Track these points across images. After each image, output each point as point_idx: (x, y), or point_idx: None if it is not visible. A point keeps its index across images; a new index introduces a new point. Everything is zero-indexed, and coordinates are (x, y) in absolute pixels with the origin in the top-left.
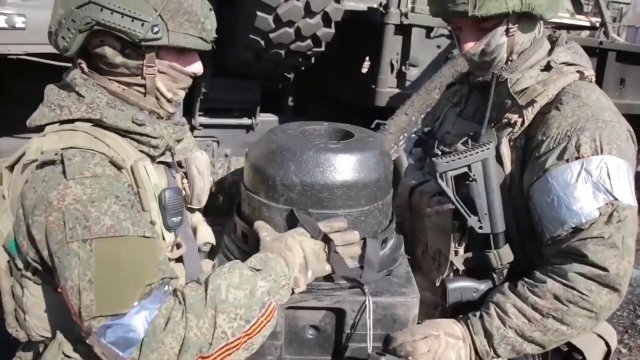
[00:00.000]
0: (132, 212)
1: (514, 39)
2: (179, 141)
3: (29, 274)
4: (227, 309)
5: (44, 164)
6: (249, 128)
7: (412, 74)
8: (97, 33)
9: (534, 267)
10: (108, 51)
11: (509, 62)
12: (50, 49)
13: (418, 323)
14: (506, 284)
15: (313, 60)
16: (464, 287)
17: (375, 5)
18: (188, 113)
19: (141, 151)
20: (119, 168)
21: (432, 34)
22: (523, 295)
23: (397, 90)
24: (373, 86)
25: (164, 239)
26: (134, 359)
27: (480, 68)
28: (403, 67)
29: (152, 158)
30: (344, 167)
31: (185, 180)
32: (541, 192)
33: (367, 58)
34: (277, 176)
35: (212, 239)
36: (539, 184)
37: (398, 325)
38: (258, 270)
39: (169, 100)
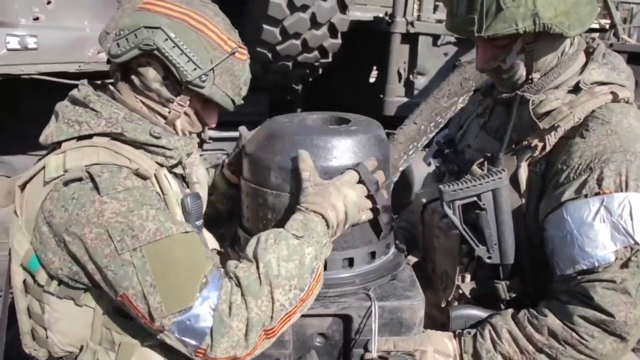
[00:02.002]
0: (167, 213)
1: (532, 57)
2: (188, 155)
3: (51, 289)
4: (281, 282)
5: (70, 182)
6: None
7: (420, 82)
8: (151, 55)
9: (545, 298)
10: (151, 73)
11: (532, 82)
12: (61, 68)
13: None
14: (509, 310)
15: (320, 71)
16: (468, 315)
17: (381, 15)
18: None
19: (156, 162)
20: (145, 178)
21: (439, 42)
22: (521, 324)
23: (405, 99)
24: (381, 95)
25: None
26: (209, 345)
27: (500, 84)
28: (411, 76)
29: (167, 168)
30: (341, 150)
31: (187, 191)
32: (555, 226)
33: (375, 68)
34: (273, 162)
35: (216, 245)
36: (554, 217)
37: (405, 328)
38: (301, 237)
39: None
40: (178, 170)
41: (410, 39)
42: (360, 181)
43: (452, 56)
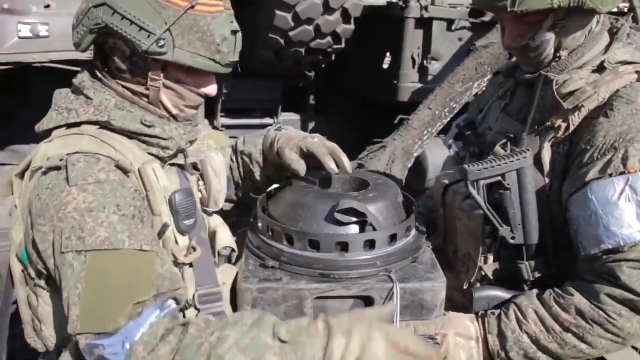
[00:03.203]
0: (131, 222)
1: (562, 34)
2: (191, 142)
3: (42, 282)
4: None
5: (48, 170)
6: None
7: (434, 67)
8: (110, 34)
9: (568, 279)
10: (118, 54)
11: (559, 60)
12: (73, 56)
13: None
14: (534, 290)
15: (333, 57)
16: (491, 296)
17: (394, 0)
18: (210, 114)
19: (151, 154)
20: (125, 172)
21: (453, 27)
22: (547, 303)
23: (419, 85)
24: (395, 81)
25: (176, 242)
26: None
27: (526, 63)
28: (425, 61)
29: (163, 160)
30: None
31: (201, 182)
32: (579, 206)
33: (388, 53)
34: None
35: (231, 243)
36: (578, 197)
37: (426, 310)
38: (282, 342)
39: (173, 116)
40: (179, 160)
41: (424, 23)
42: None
43: (467, 41)
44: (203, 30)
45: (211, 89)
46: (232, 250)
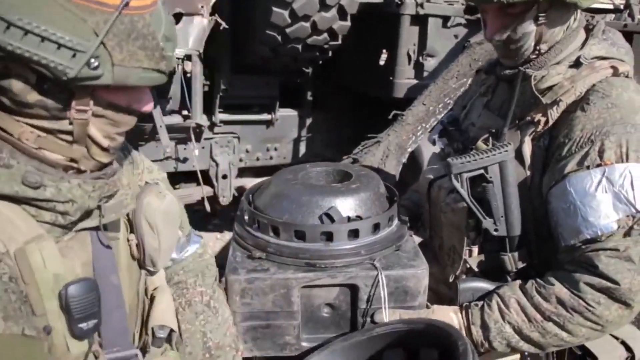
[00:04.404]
0: (10, 298)
1: (543, 28)
2: (110, 197)
3: None
4: None
5: None
6: (268, 123)
7: (430, 64)
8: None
9: (550, 270)
10: (16, 85)
11: (540, 56)
12: None
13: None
14: (517, 281)
15: (330, 53)
16: (476, 287)
17: None
18: (208, 110)
19: (44, 222)
20: None
21: (448, 24)
22: (529, 293)
23: (414, 81)
24: (391, 78)
25: (68, 350)
26: None
27: (507, 56)
28: (420, 58)
29: (66, 227)
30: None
31: (132, 236)
32: (558, 198)
33: (384, 50)
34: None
35: (170, 322)
36: (557, 189)
37: (410, 297)
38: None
39: (104, 149)
40: (92, 221)
41: (420, 20)
42: None
43: (462, 38)
44: (144, 35)
45: (149, 105)
46: (172, 331)
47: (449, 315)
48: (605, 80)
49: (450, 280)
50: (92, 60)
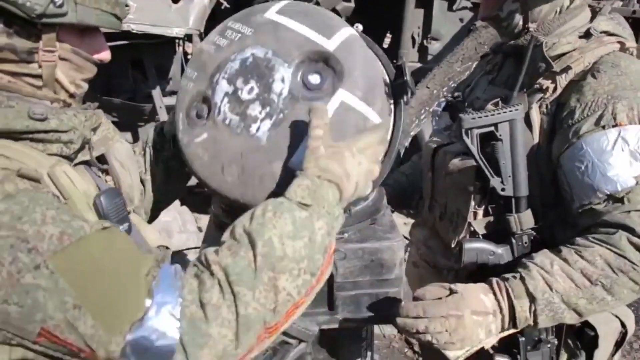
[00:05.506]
0: (72, 211)
1: (525, 6)
2: (95, 130)
3: None
4: (287, 266)
5: None
6: None
7: (434, 47)
8: None
9: (555, 236)
10: None
11: (527, 32)
12: None
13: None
14: (544, 250)
15: None
16: (481, 248)
17: None
18: None
19: (52, 154)
20: (34, 181)
21: (454, 7)
22: (570, 259)
23: (418, 65)
24: (394, 61)
25: None
26: None
27: (502, 34)
28: (425, 41)
29: (69, 158)
30: None
31: (108, 178)
32: (573, 159)
33: (388, 32)
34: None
35: (164, 241)
36: (571, 150)
37: (385, 269)
38: (309, 205)
39: (71, 95)
40: (83, 155)
41: (425, 3)
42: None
43: (468, 22)
44: None
45: (107, 54)
46: (166, 248)
47: (480, 298)
48: (612, 53)
49: (453, 245)
50: None
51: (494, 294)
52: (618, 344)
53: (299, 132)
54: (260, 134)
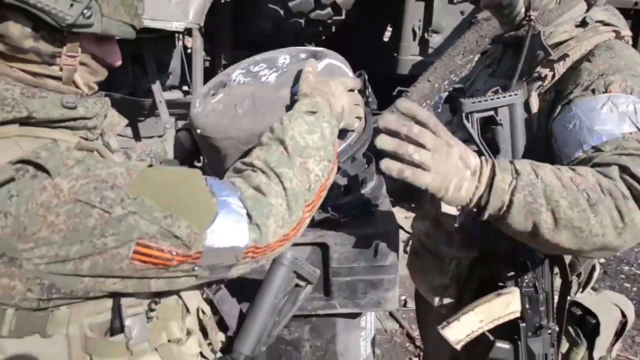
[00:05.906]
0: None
1: None
2: (105, 117)
3: (4, 330)
4: (311, 153)
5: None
6: None
7: (435, 40)
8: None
9: None
10: (14, 31)
11: (529, 20)
12: None
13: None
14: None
15: (333, 29)
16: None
17: None
18: None
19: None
20: (90, 151)
21: (455, 0)
22: (562, 168)
23: (419, 58)
24: (395, 54)
25: None
26: (256, 237)
27: (503, 22)
28: (426, 34)
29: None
30: None
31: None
32: (563, 121)
33: (389, 26)
34: None
35: None
36: (562, 115)
37: (381, 255)
38: (314, 112)
39: (81, 95)
40: (98, 141)
41: None
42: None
43: (469, 14)
44: None
45: (118, 58)
46: None
47: (468, 152)
48: (608, 40)
49: (456, 225)
50: (86, 10)
51: (480, 160)
52: (618, 334)
53: (298, 76)
54: (269, 79)
